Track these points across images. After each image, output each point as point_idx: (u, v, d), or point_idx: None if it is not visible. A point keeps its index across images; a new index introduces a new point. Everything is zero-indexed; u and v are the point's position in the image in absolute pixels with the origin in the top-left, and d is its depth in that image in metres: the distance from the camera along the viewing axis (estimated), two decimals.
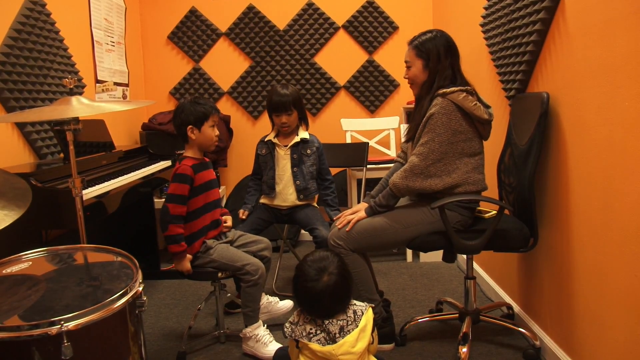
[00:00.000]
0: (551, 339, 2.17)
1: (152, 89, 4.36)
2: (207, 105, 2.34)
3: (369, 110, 4.25)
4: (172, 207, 2.25)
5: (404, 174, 2.17)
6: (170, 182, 2.30)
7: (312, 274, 1.76)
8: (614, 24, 1.61)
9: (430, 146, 2.13)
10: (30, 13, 2.68)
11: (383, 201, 2.24)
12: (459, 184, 2.16)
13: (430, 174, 2.14)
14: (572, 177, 1.93)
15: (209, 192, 2.39)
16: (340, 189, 4.11)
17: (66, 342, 1.24)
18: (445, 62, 2.20)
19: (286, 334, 1.76)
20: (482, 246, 2.15)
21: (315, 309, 1.76)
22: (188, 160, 2.33)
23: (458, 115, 2.12)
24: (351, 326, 1.73)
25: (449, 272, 3.40)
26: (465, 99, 2.11)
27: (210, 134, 2.35)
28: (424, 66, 2.22)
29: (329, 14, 4.17)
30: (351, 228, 2.23)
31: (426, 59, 2.21)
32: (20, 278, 1.59)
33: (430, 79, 2.22)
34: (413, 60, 2.25)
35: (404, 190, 2.20)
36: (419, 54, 2.23)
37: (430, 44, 2.21)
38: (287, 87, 2.79)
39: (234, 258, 2.32)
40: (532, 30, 2.14)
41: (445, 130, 2.12)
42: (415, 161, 2.15)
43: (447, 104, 2.12)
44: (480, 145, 2.23)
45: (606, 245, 1.71)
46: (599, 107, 1.71)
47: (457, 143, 2.14)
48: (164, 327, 2.75)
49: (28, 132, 2.65)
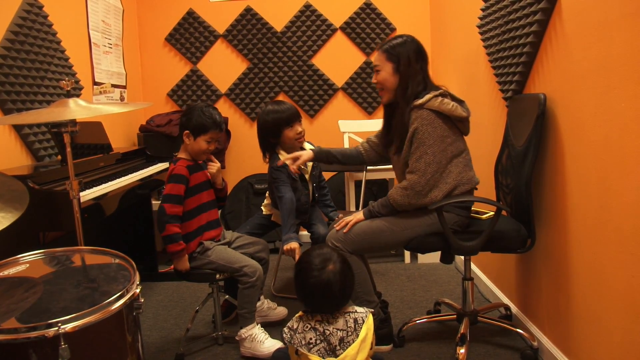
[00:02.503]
0: (549, 339, 2.18)
1: (149, 91, 4.36)
2: (211, 120, 2.32)
3: (366, 111, 4.25)
4: (168, 207, 2.25)
5: (405, 192, 2.17)
6: (166, 182, 2.30)
7: (317, 262, 1.77)
8: (610, 26, 1.61)
9: (425, 160, 2.13)
10: (28, 15, 2.68)
11: (382, 210, 2.25)
12: (455, 186, 2.17)
13: (430, 186, 2.15)
14: (569, 177, 1.93)
15: (204, 192, 2.40)
16: (338, 191, 4.11)
17: (63, 345, 1.24)
18: (416, 67, 2.21)
19: (285, 340, 1.75)
20: (479, 247, 2.16)
21: (324, 300, 1.75)
22: (183, 162, 2.34)
23: (439, 121, 2.13)
24: (351, 337, 1.71)
25: (446, 273, 3.41)
26: (442, 103, 2.12)
27: (202, 147, 2.34)
28: (394, 70, 2.22)
29: (327, 15, 4.18)
30: (349, 230, 2.23)
31: (396, 63, 2.21)
32: (17, 280, 1.59)
33: (403, 84, 2.22)
34: (382, 64, 2.25)
35: (405, 207, 2.21)
36: (389, 57, 2.23)
37: (401, 48, 2.21)
38: (282, 103, 2.73)
39: (232, 259, 2.32)
40: (529, 31, 2.15)
41: (434, 139, 2.13)
42: (415, 179, 2.15)
43: (427, 114, 2.13)
44: (463, 142, 2.25)
45: (603, 246, 1.71)
46: (595, 108, 1.71)
47: (446, 149, 2.15)
48: (162, 329, 2.75)
49: (25, 134, 2.65)
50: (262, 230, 2.84)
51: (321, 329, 1.73)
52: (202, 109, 2.33)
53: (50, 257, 1.77)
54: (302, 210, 2.73)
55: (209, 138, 2.34)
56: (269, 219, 2.86)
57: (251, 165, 4.28)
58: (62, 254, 1.80)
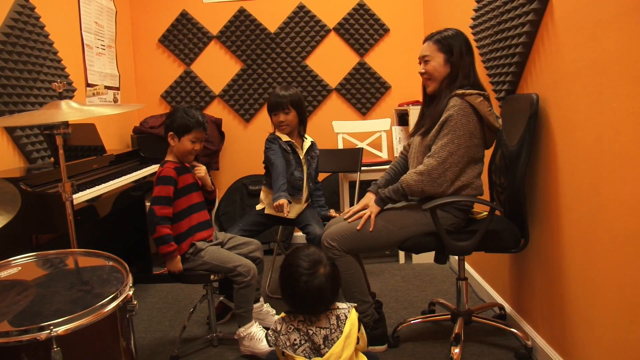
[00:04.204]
0: (543, 338, 2.18)
1: (143, 93, 4.35)
2: (194, 119, 2.34)
3: (360, 112, 4.26)
4: (158, 208, 2.25)
5: (421, 177, 2.15)
6: (154, 185, 2.30)
7: (305, 266, 1.73)
8: (602, 26, 1.62)
9: (449, 149, 2.11)
10: (19, 16, 2.67)
11: (394, 196, 2.23)
12: (463, 186, 2.16)
13: (446, 178, 2.13)
14: (562, 177, 1.94)
15: (194, 193, 2.41)
16: (332, 192, 4.11)
17: (56, 348, 1.23)
18: (467, 59, 2.20)
19: (270, 343, 1.74)
20: (473, 247, 2.16)
21: (302, 304, 1.73)
22: (170, 164, 2.35)
23: (474, 117, 2.12)
24: (335, 334, 1.70)
25: (441, 273, 3.41)
26: (481, 103, 2.11)
27: (187, 147, 2.35)
28: (445, 60, 2.21)
29: (320, 16, 4.18)
30: (373, 227, 2.20)
31: (449, 53, 2.20)
32: (9, 283, 1.58)
33: (453, 74, 2.20)
34: (434, 54, 2.22)
35: (417, 193, 2.19)
36: (441, 48, 2.21)
37: (453, 40, 2.20)
38: (287, 89, 2.77)
39: (226, 259, 2.32)
40: (521, 31, 2.16)
41: (464, 132, 2.11)
42: (434, 164, 2.13)
43: (465, 105, 2.11)
44: (483, 152, 2.24)
45: (596, 245, 1.72)
46: (587, 107, 1.72)
47: (471, 148, 2.14)
48: (156, 331, 2.74)
49: (17, 136, 2.63)
50: (257, 227, 2.82)
51: (304, 329, 1.71)
52: (185, 109, 2.36)
53: (43, 260, 1.77)
54: (296, 186, 2.77)
55: (193, 138, 2.35)
56: (263, 215, 2.84)
57: (245, 167, 4.28)
58: (54, 257, 1.79)
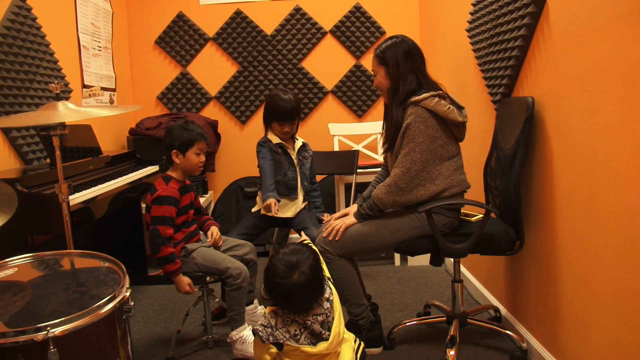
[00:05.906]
0: (537, 341, 2.19)
1: (139, 94, 4.34)
2: (194, 132, 2.36)
3: (356, 115, 4.27)
4: (162, 229, 2.25)
5: (389, 189, 2.18)
6: (157, 204, 2.28)
7: (281, 270, 1.71)
8: (597, 30, 1.63)
9: (412, 157, 2.14)
10: (16, 17, 2.66)
11: (370, 212, 2.25)
12: (444, 189, 2.18)
13: (415, 184, 2.16)
14: (557, 180, 1.95)
15: (189, 213, 2.42)
16: (328, 194, 4.12)
17: (52, 349, 1.23)
18: (405, 67, 2.21)
19: (263, 338, 1.68)
20: (468, 250, 2.17)
21: (285, 304, 1.74)
22: (174, 183, 2.34)
23: (433, 121, 2.15)
24: (331, 315, 1.74)
25: (436, 275, 3.42)
26: (437, 104, 2.13)
27: (194, 161, 2.37)
28: (386, 73, 2.25)
29: (317, 19, 4.19)
30: (340, 236, 2.22)
31: (386, 66, 2.23)
32: (5, 284, 1.58)
33: (394, 86, 2.23)
34: (377, 69, 2.28)
35: (389, 205, 2.21)
36: (380, 62, 2.26)
37: (390, 51, 2.23)
38: (288, 93, 2.76)
39: (217, 260, 2.32)
40: (517, 35, 2.17)
41: (424, 138, 2.13)
42: (399, 174, 2.16)
43: (422, 111, 2.14)
44: (457, 146, 2.25)
45: (590, 248, 1.73)
46: (583, 111, 1.73)
47: (436, 149, 2.16)
48: (151, 332, 2.73)
49: (14, 137, 2.62)
50: (255, 230, 2.82)
51: (301, 320, 1.72)
52: (182, 125, 2.38)
53: (39, 261, 1.76)
54: (290, 186, 2.80)
55: (197, 150, 2.37)
56: (260, 218, 2.83)
57: (241, 169, 4.28)
58: (51, 258, 1.79)
